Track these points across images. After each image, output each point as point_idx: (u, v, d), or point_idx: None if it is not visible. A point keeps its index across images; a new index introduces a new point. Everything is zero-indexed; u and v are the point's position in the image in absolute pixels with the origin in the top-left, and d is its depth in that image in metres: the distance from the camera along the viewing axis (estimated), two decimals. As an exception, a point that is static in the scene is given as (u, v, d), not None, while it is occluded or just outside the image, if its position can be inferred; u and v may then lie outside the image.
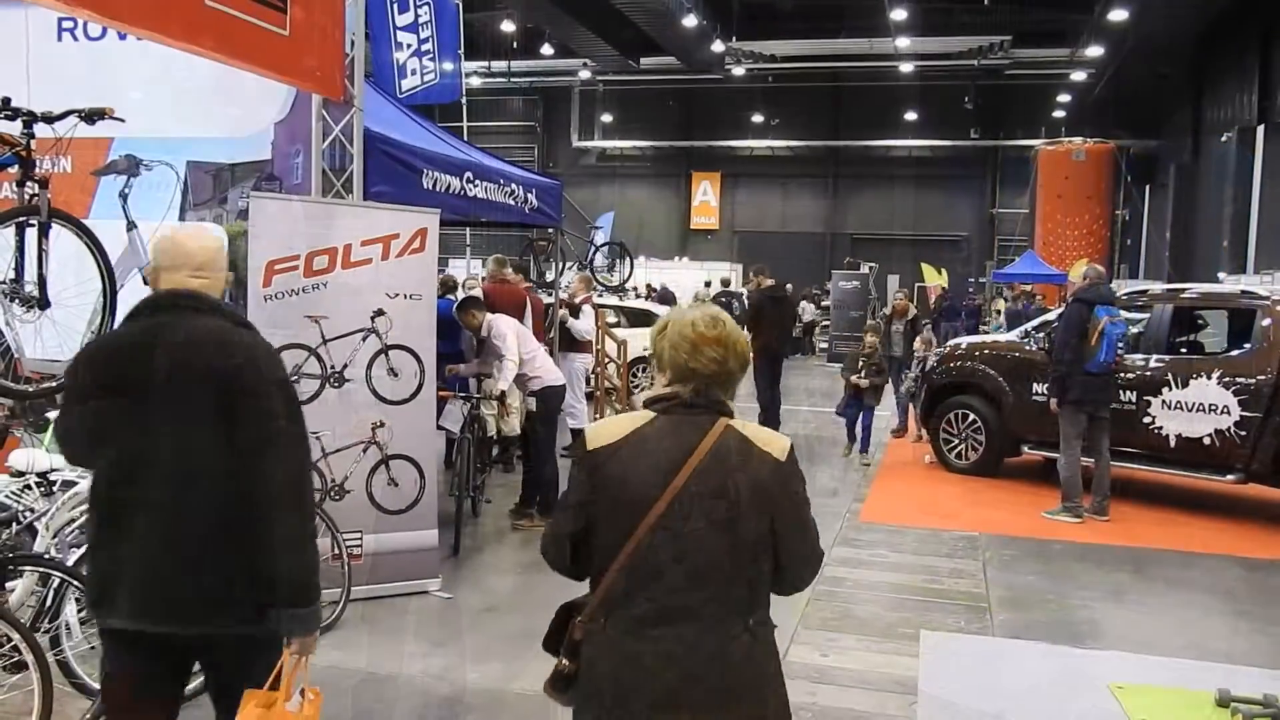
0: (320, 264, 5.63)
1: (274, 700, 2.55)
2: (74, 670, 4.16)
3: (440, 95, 11.75)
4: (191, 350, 2.62)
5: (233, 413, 2.58)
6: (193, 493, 2.59)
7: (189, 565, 2.57)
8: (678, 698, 2.29)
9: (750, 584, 2.37)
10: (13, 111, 4.07)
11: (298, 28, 5.11)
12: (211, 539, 2.59)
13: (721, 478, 2.32)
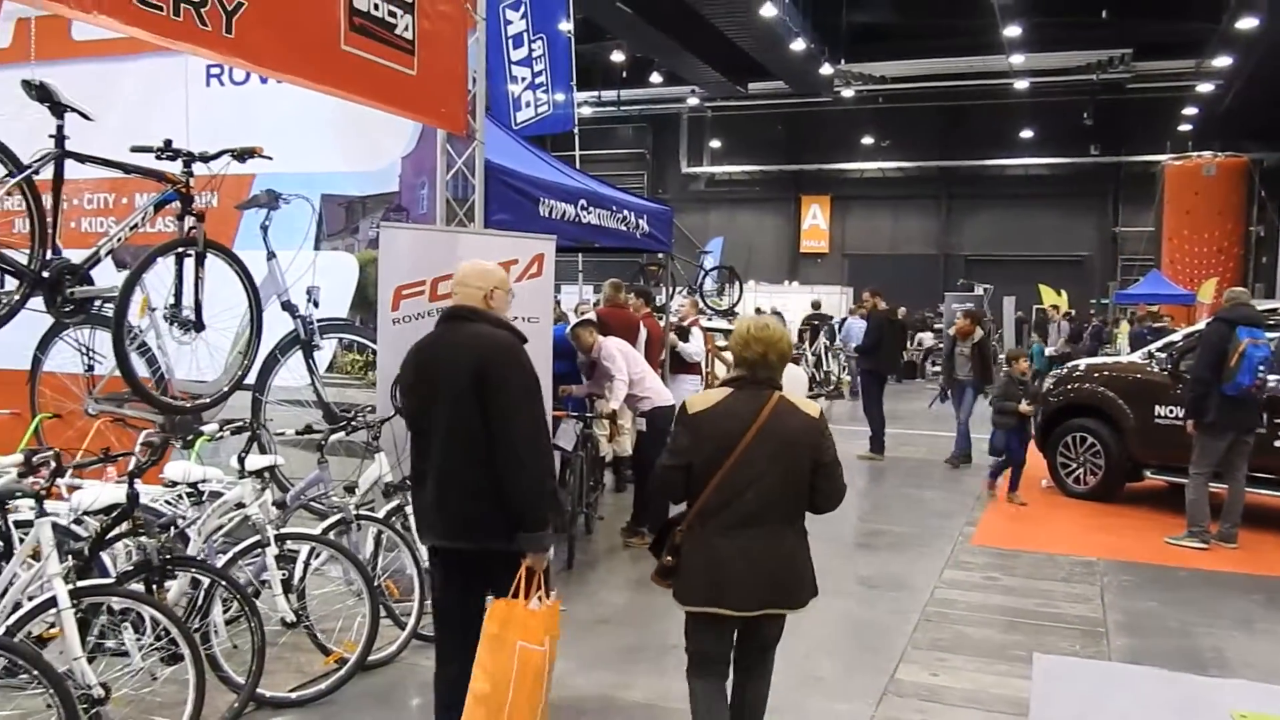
0: (444, 289, 5.91)
1: (516, 604, 3.53)
2: (221, 665, 4.49)
3: (553, 126, 12.12)
4: (461, 347, 3.70)
5: (485, 392, 3.58)
6: (463, 449, 3.62)
7: (464, 500, 3.64)
8: (747, 577, 3.47)
9: (795, 502, 3.58)
10: (174, 152, 4.46)
11: (425, 68, 5.45)
12: (477, 482, 3.60)
13: (777, 430, 3.50)
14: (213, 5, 4.11)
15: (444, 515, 3.70)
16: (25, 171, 3.93)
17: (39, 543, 3.93)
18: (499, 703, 3.44)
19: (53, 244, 4.12)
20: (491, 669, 3.48)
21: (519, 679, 3.46)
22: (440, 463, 3.68)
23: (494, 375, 3.60)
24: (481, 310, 3.83)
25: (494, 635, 3.51)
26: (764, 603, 3.51)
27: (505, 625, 3.51)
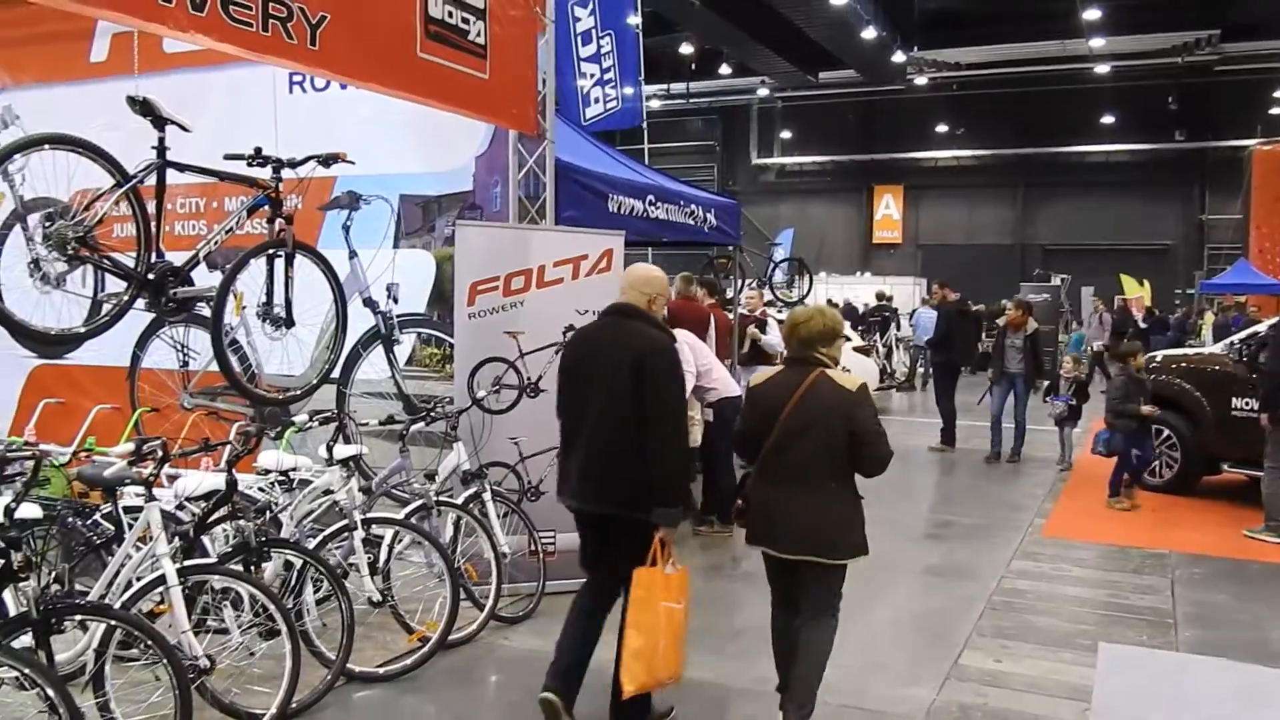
0: (517, 284, 6.16)
1: (656, 571, 4.06)
2: (313, 641, 4.77)
3: (622, 121, 12.29)
4: (624, 340, 4.18)
5: (640, 382, 4.05)
6: (614, 429, 4.13)
7: (608, 472, 4.16)
8: (792, 521, 4.07)
9: (832, 462, 4.04)
10: (264, 159, 4.74)
11: (496, 71, 5.67)
12: (622, 458, 4.09)
13: (814, 401, 4.04)
14: (298, 19, 4.37)
15: (586, 483, 4.24)
16: (131, 181, 4.22)
17: (148, 526, 4.24)
18: (652, 653, 4.03)
19: (156, 248, 4.41)
20: (643, 626, 4.03)
21: (666, 632, 4.05)
22: (590, 438, 4.22)
23: (650, 369, 4.07)
24: (643, 311, 4.30)
25: (641, 598, 4.05)
26: (799, 548, 4.06)
27: (649, 589, 4.04)
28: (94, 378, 7.67)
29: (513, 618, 5.74)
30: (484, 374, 6.13)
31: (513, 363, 6.17)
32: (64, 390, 7.47)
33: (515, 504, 6.05)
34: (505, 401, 6.17)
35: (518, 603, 5.87)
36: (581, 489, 4.26)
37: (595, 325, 4.48)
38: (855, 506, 4.12)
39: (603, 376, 4.18)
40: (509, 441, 6.18)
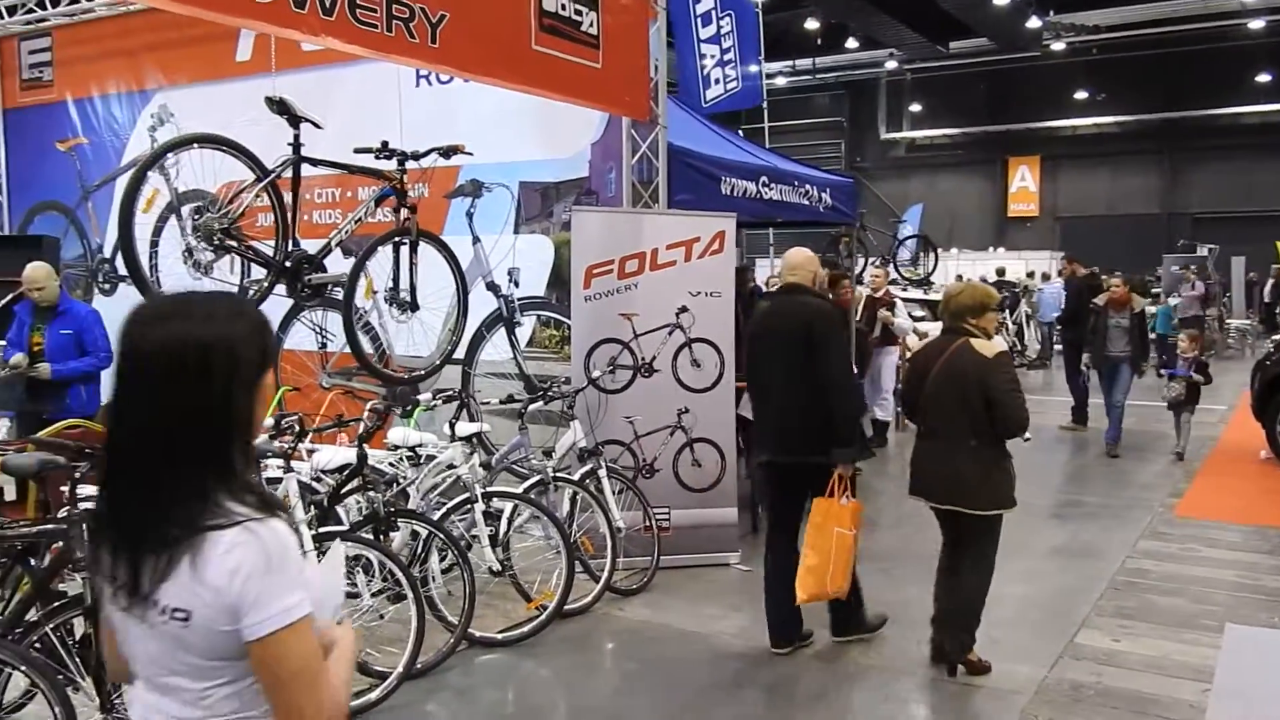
0: (631, 267, 6.33)
1: (832, 502, 4.76)
2: (438, 606, 5.06)
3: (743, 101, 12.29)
4: (796, 311, 4.89)
5: (812, 343, 4.76)
6: (798, 387, 4.80)
7: (798, 425, 4.84)
8: (937, 474, 4.66)
9: (971, 421, 4.52)
10: (390, 152, 5.02)
11: (609, 60, 5.83)
12: (807, 411, 4.78)
13: (955, 366, 4.58)
14: (419, 19, 4.61)
15: (783, 437, 4.95)
16: (270, 176, 4.56)
17: (287, 495, 4.59)
18: (823, 570, 4.77)
19: (293, 237, 4.75)
20: (818, 547, 4.78)
21: (836, 553, 4.76)
22: (779, 397, 4.95)
23: (818, 332, 4.80)
24: (807, 286, 5.04)
25: (818, 524, 4.80)
26: (944, 498, 4.65)
27: (825, 517, 4.78)
28: (242, 359, 8.20)
29: (627, 590, 5.93)
30: (599, 354, 6.33)
31: (627, 343, 6.35)
32: (215, 371, 8.01)
33: (630, 481, 6.24)
34: (620, 381, 6.36)
35: (632, 576, 6.07)
36: (778, 444, 4.99)
37: (773, 303, 5.27)
38: (997, 463, 4.58)
39: (782, 343, 4.90)
40: (624, 420, 6.37)
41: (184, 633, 1.54)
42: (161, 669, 1.59)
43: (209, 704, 1.57)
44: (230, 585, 1.51)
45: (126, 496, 1.58)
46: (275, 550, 1.53)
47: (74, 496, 3.85)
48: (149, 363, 1.57)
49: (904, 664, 4.94)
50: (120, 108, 9.33)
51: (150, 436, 1.56)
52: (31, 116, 10.14)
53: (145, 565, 1.54)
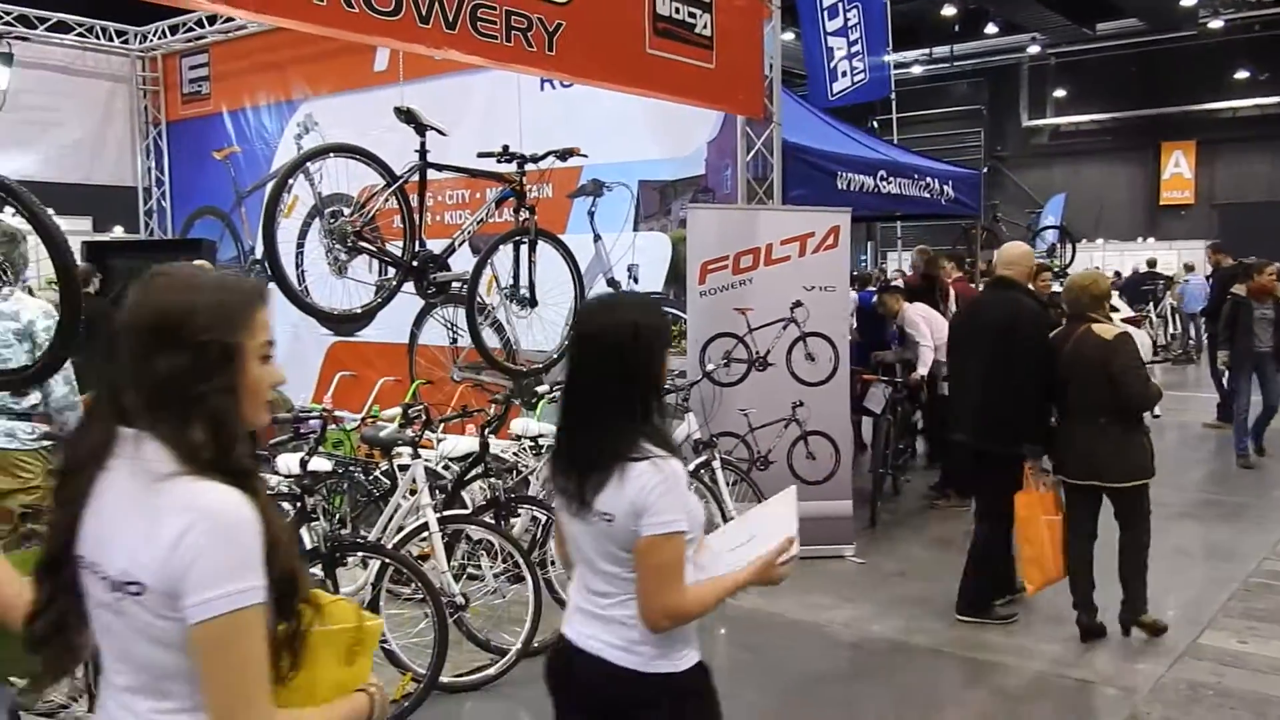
0: (746, 262, 6.44)
1: (1032, 492, 5.01)
2: (556, 588, 5.28)
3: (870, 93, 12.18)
4: (1003, 305, 5.19)
5: (1010, 339, 5.06)
6: (991, 375, 5.09)
7: (989, 414, 5.12)
8: (1074, 450, 5.00)
9: (1097, 400, 4.84)
10: (510, 156, 5.28)
11: (722, 60, 5.94)
12: (1004, 401, 5.06)
13: (1080, 350, 4.92)
14: (537, 29, 4.84)
15: (981, 423, 5.21)
16: (399, 181, 4.86)
17: (415, 480, 4.89)
18: (1042, 558, 5.00)
19: (419, 238, 5.05)
20: (1031, 539, 5.04)
21: (1049, 541, 4.98)
22: (983, 388, 5.19)
23: (1020, 329, 5.07)
24: (1017, 281, 5.29)
25: (1024, 518, 5.04)
26: (1078, 474, 4.99)
27: (1030, 509, 5.02)
28: (380, 353, 8.67)
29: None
30: (714, 348, 6.46)
31: (742, 338, 6.46)
32: (356, 364, 8.49)
33: (745, 473, 6.35)
34: (735, 375, 6.48)
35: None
36: (974, 429, 5.26)
37: (983, 295, 5.83)
38: (1128, 437, 4.88)
39: (984, 335, 5.18)
40: (739, 413, 6.49)
41: (609, 529, 2.18)
42: (596, 555, 2.24)
43: (624, 583, 2.21)
44: (640, 498, 2.13)
45: (577, 435, 2.24)
46: (671, 479, 2.15)
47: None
48: (597, 340, 2.22)
49: (1016, 657, 4.92)
50: (270, 118, 9.97)
51: (596, 392, 2.21)
52: (191, 128, 10.92)
53: (589, 482, 2.19)
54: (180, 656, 1.47)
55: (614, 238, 7.41)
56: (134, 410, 1.51)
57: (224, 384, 1.52)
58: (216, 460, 1.49)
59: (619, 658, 2.22)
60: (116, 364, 1.54)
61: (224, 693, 1.45)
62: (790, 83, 12.24)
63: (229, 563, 1.44)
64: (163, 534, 1.44)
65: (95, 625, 1.56)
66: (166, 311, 1.51)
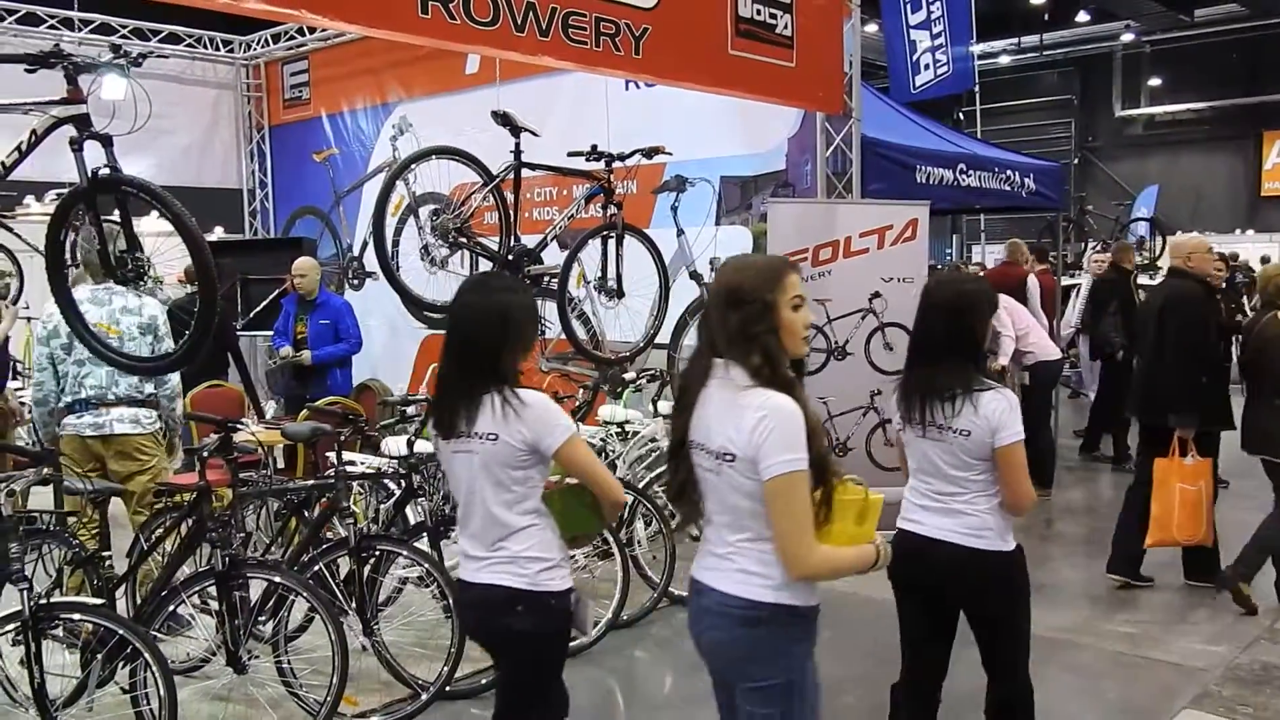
0: (825, 255, 6.61)
1: (1174, 461, 5.37)
2: (642, 566, 5.55)
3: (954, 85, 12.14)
4: (1163, 291, 5.78)
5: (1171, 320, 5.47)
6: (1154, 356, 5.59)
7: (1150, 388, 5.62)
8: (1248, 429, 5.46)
9: (1273, 382, 5.31)
10: (598, 154, 5.55)
11: (803, 59, 6.13)
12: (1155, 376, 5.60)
13: (1262, 336, 5.44)
14: (624, 33, 5.10)
15: (1142, 399, 5.69)
16: (495, 180, 5.17)
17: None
18: (1167, 519, 5.37)
19: (514, 233, 5.36)
20: (1160, 501, 5.38)
21: (1180, 505, 5.33)
22: (1148, 366, 5.71)
23: (1177, 311, 5.47)
24: (1182, 269, 5.66)
25: (1159, 480, 5.40)
26: (1251, 447, 5.42)
27: (1165, 474, 5.37)
28: (472, 346, 9.03)
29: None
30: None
31: (821, 328, 6.64)
32: (449, 356, 8.87)
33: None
34: (814, 364, 6.65)
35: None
36: (1145, 404, 5.69)
37: (1157, 285, 6.47)
38: None
39: (1152, 318, 5.66)
40: (818, 400, 6.66)
41: (966, 443, 2.94)
42: (946, 464, 3.02)
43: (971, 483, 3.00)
44: (995, 418, 2.90)
45: (926, 373, 3.04)
46: (1015, 402, 2.95)
47: (339, 458, 4.58)
48: (946, 306, 3.03)
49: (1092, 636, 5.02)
50: (366, 120, 10.44)
51: (944, 343, 3.00)
52: (292, 132, 11.47)
53: (938, 408, 2.98)
54: (756, 503, 2.28)
55: (696, 232, 7.63)
56: (722, 348, 2.34)
57: (768, 327, 2.31)
58: (771, 376, 2.28)
59: (970, 541, 2.99)
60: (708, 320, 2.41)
61: (786, 525, 2.26)
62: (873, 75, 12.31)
63: (787, 441, 2.23)
64: (746, 422, 2.25)
65: (703, 486, 2.40)
66: (731, 285, 2.35)
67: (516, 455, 2.68)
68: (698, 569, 2.48)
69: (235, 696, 4.13)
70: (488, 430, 2.68)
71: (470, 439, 2.70)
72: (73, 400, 4.91)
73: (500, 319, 2.73)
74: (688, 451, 2.41)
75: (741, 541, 2.34)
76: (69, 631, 3.77)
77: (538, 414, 2.69)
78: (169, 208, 3.50)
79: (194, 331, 3.68)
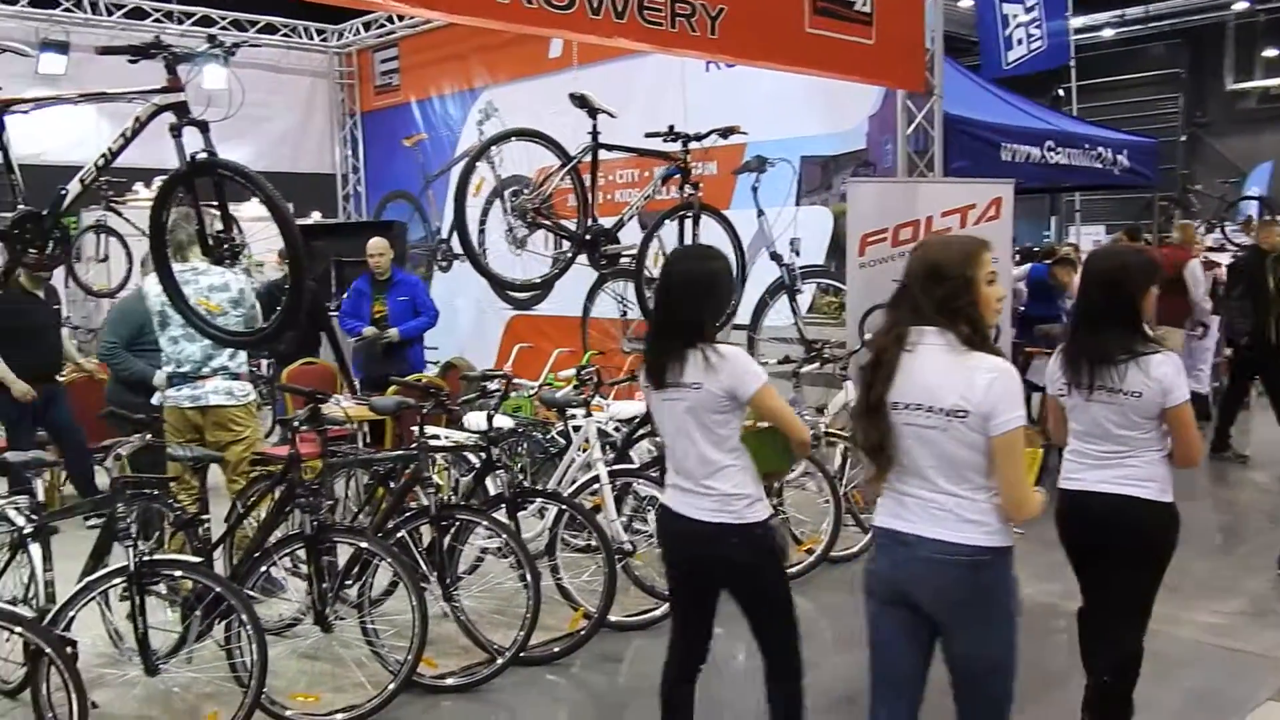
0: (905, 235, 6.56)
1: None
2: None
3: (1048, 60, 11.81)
4: None
5: None
6: None
7: None
8: None
9: None
10: (675, 135, 5.60)
11: (882, 35, 6.08)
12: None
13: None
14: (700, 14, 5.14)
15: None
16: (572, 162, 5.26)
17: (587, 438, 5.32)
18: None
19: (592, 214, 5.45)
20: None
21: None
22: None
23: None
24: None
25: None
26: None
27: None
28: (555, 326, 9.20)
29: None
30: (874, 319, 6.61)
31: (900, 308, 6.59)
32: (533, 336, 9.06)
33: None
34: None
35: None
36: None
37: None
38: None
39: None
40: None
41: (1138, 404, 3.13)
42: (1113, 425, 3.18)
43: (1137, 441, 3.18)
44: (1162, 380, 3.08)
45: (1090, 340, 3.20)
46: (1179, 364, 3.14)
47: (422, 430, 4.75)
48: (1106, 276, 3.23)
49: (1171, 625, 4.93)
50: (453, 106, 10.68)
51: (1108, 312, 3.18)
52: (383, 118, 11.79)
53: (1106, 373, 3.15)
54: (979, 455, 2.55)
55: (776, 212, 7.60)
56: (926, 315, 2.59)
57: (970, 300, 2.59)
58: (980, 343, 2.57)
59: (1135, 491, 3.19)
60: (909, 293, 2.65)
61: (1015, 474, 2.53)
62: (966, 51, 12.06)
63: (1014, 400, 2.53)
64: (979, 382, 2.51)
65: (908, 442, 2.63)
66: (933, 262, 2.63)
67: (718, 401, 3.02)
68: (895, 521, 2.71)
69: (322, 655, 4.35)
70: (694, 380, 3.03)
71: (680, 388, 3.05)
72: (172, 373, 5.18)
73: (706, 285, 3.12)
74: (886, 411, 2.64)
75: (962, 492, 2.59)
76: (170, 590, 4.02)
77: (734, 366, 3.02)
78: (261, 190, 3.67)
79: (283, 310, 3.86)
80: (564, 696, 4.51)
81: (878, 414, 2.65)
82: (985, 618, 2.66)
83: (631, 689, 4.65)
